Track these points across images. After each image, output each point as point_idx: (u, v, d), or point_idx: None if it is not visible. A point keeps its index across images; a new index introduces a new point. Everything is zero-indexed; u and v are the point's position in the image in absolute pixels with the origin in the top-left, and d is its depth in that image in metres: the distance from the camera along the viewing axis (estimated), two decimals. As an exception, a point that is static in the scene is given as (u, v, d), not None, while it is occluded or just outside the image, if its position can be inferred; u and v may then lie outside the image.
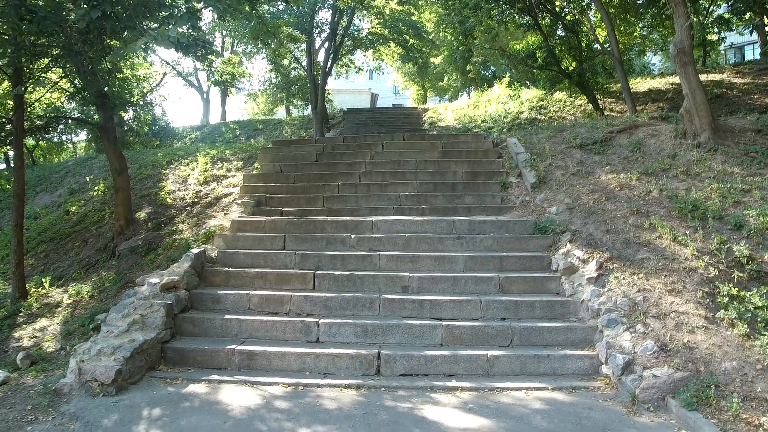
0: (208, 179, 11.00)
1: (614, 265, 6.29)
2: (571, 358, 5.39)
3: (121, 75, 9.53)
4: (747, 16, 17.50)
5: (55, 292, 7.96)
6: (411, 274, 6.45)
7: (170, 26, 4.79)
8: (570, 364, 5.37)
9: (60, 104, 10.91)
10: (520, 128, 14.60)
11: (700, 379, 4.59)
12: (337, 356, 5.34)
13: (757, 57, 26.91)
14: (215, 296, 6.25)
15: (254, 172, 10.50)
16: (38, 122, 9.14)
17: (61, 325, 6.56)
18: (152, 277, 6.18)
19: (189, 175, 11.41)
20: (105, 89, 9.45)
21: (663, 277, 6.00)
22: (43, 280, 8.09)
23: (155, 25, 5.89)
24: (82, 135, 22.54)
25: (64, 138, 22.45)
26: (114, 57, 5.54)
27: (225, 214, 8.75)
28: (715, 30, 21.60)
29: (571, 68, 15.56)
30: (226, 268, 6.75)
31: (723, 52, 25.16)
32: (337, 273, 6.50)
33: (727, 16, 20.32)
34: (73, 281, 8.44)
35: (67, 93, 9.19)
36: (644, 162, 8.68)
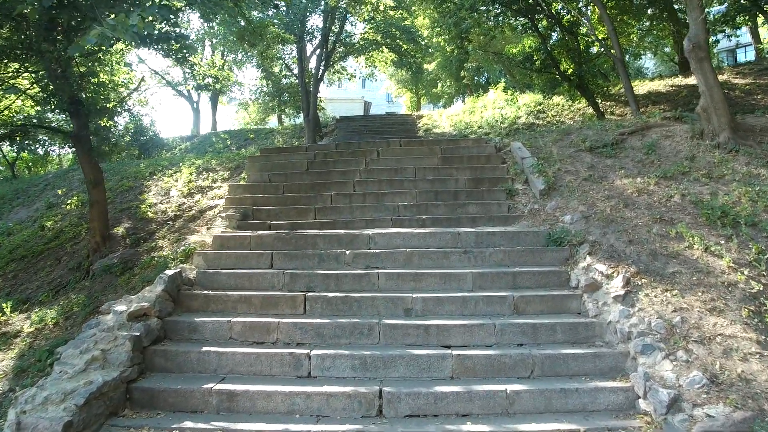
0: (192, 191, 10.17)
1: (643, 280, 5.52)
2: (603, 392, 4.59)
3: (96, 79, 8.72)
4: (740, 19, 17.06)
5: (17, 318, 7.07)
6: (414, 295, 5.65)
7: (132, 14, 3.99)
8: (602, 398, 4.57)
9: (35, 112, 10.05)
10: (518, 133, 13.91)
11: (766, 421, 3.82)
12: (332, 395, 4.51)
13: (750, 59, 26.64)
14: (192, 324, 5.41)
15: (241, 182, 9.69)
16: (1, 130, 8.29)
17: (16, 360, 5.68)
18: (119, 303, 5.33)
19: (172, 187, 10.58)
20: (79, 95, 8.64)
21: (700, 293, 5.24)
22: (4, 305, 7.21)
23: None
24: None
25: (50, 150, 21.58)
26: (72, 52, 4.73)
27: (208, 228, 7.92)
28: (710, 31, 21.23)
29: (570, 71, 14.92)
30: (206, 291, 5.91)
31: (716, 54, 24.74)
32: (330, 295, 5.68)
33: (718, 17, 19.96)
34: (39, 305, 7.55)
35: (38, 100, 8.35)
36: (661, 165, 7.96)
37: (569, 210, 7.30)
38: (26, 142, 12.18)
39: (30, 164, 21.33)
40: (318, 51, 18.23)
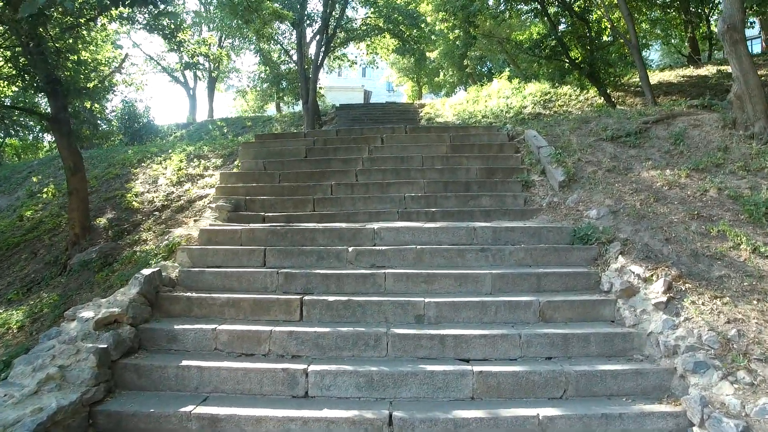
0: (181, 179, 9.33)
1: (686, 285, 4.75)
2: (650, 417, 3.84)
3: (75, 57, 7.82)
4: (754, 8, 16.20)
5: (-20, 319, 6.27)
6: (426, 299, 4.86)
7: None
8: (649, 424, 3.82)
9: (11, 93, 9.14)
10: (524, 123, 13.11)
11: None
12: (333, 422, 3.73)
13: (756, 51, 25.75)
14: (172, 333, 4.61)
15: (234, 170, 8.84)
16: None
17: (-32, 372, 4.88)
18: (86, 308, 4.52)
19: (161, 175, 9.72)
20: (56, 74, 7.74)
21: (755, 301, 4.48)
22: (-32, 304, 6.40)
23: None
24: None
25: (39, 135, 20.58)
26: (24, 12, 3.88)
27: (195, 220, 7.11)
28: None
29: (580, 58, 14.06)
30: (189, 293, 5.10)
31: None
32: (330, 299, 4.89)
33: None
34: (8, 304, 6.74)
35: (9, 77, 7.45)
36: (691, 156, 7.17)
37: (594, 204, 6.52)
38: (5, 124, 11.22)
39: (19, 151, 20.34)
40: (318, 37, 17.27)
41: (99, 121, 10.57)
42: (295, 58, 18.49)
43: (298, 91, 18.63)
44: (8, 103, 8.07)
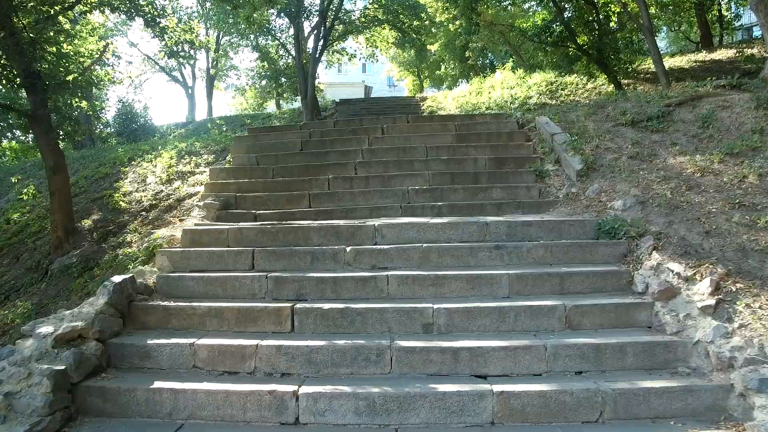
0: (172, 177, 8.68)
1: (737, 285, 4.06)
2: (707, 446, 3.17)
3: (54, 48, 7.18)
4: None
5: (-52, 333, 5.66)
6: (435, 306, 4.19)
7: None
8: (705, 455, 3.14)
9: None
10: (530, 113, 12.39)
11: None
12: (328, 457, 3.08)
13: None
14: (145, 348, 3.97)
15: (227, 165, 8.19)
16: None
17: None
18: (46, 323, 3.88)
19: (150, 173, 9.09)
20: (35, 67, 7.10)
21: (823, 304, 3.79)
22: (-64, 316, 5.80)
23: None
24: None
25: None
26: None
27: (181, 220, 6.46)
28: (732, 7, 19.47)
29: (588, 45, 13.28)
30: (167, 302, 4.45)
31: (734, 31, 22.91)
32: (326, 306, 4.22)
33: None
34: (-20, 314, 6.13)
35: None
36: (722, 140, 6.44)
37: (618, 194, 5.81)
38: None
39: (19, 153, 19.77)
40: (316, 31, 16.57)
41: (86, 118, 9.86)
42: (293, 53, 17.79)
43: (297, 86, 17.94)
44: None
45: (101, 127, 18.55)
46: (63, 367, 3.51)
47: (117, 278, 4.29)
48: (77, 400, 3.60)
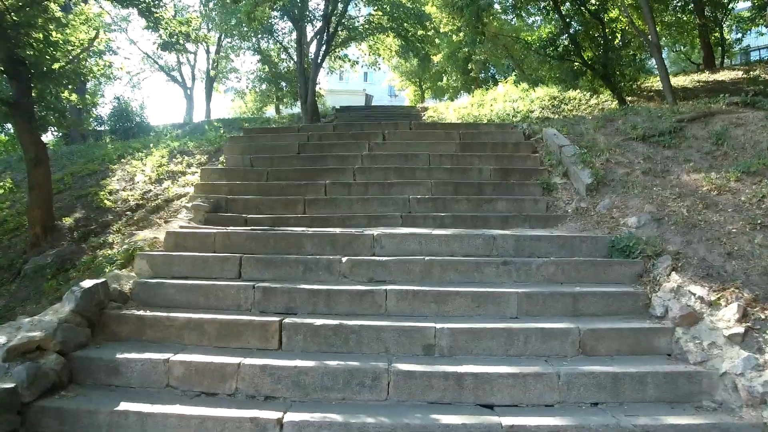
0: (161, 176, 8.27)
1: (767, 312, 3.71)
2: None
3: (40, 35, 6.81)
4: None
5: None
6: (437, 325, 3.80)
7: None
8: None
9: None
10: (536, 125, 12.13)
11: None
12: (313, 499, 2.66)
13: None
14: (113, 363, 3.54)
15: (219, 166, 7.81)
16: None
17: None
18: (0, 332, 3.45)
19: (140, 171, 8.68)
20: (19, 54, 6.72)
21: None
22: None
23: None
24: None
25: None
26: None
27: (166, 221, 6.06)
28: (734, 29, 19.49)
29: (593, 59, 13.11)
30: (142, 312, 4.03)
31: (734, 53, 22.96)
32: (317, 322, 3.82)
33: (747, 14, 18.19)
34: (-57, 317, 5.66)
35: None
36: (737, 158, 6.14)
37: (631, 210, 5.48)
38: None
39: (8, 147, 19.25)
40: (318, 36, 16.34)
41: (77, 112, 9.42)
42: (294, 56, 17.54)
43: (297, 91, 17.67)
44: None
45: (94, 123, 18.15)
46: (12, 385, 3.07)
47: (87, 283, 3.87)
48: (28, 422, 3.16)
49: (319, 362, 3.49)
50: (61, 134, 16.83)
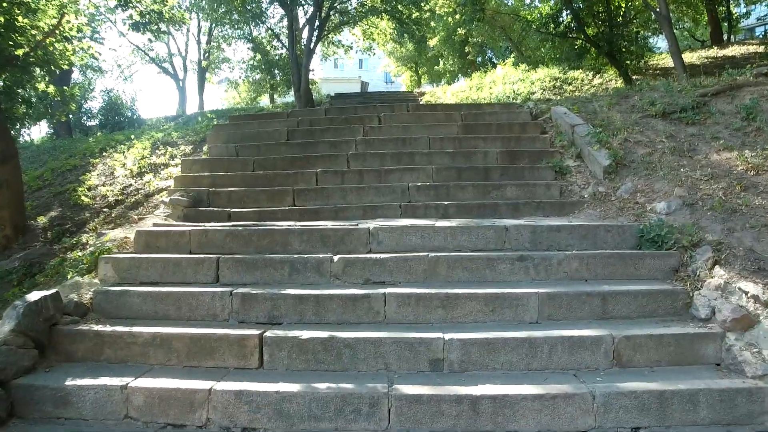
0: (143, 170, 7.61)
1: (838, 314, 3.08)
2: None
3: (2, 19, 6.08)
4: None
5: None
6: (446, 335, 3.17)
7: None
8: None
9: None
10: (543, 104, 11.41)
11: None
12: None
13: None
14: (63, 391, 2.92)
15: (203, 156, 7.14)
16: None
17: None
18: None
19: (121, 165, 8.01)
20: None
21: None
22: None
23: None
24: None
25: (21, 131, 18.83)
26: None
27: (140, 218, 5.42)
28: (741, 2, 18.63)
29: (597, 36, 12.32)
30: (100, 327, 3.39)
31: (741, 29, 22.07)
32: (305, 335, 3.19)
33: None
34: None
35: None
36: (771, 133, 5.47)
37: (659, 194, 4.83)
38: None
39: None
40: (310, 21, 15.50)
41: (58, 104, 8.71)
42: (286, 43, 16.70)
43: (290, 79, 16.89)
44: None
45: (84, 117, 17.42)
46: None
47: (33, 296, 3.23)
48: (-45, 469, 2.56)
49: (306, 385, 2.87)
50: (52, 130, 16.14)
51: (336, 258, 3.89)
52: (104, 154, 8.94)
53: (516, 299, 3.50)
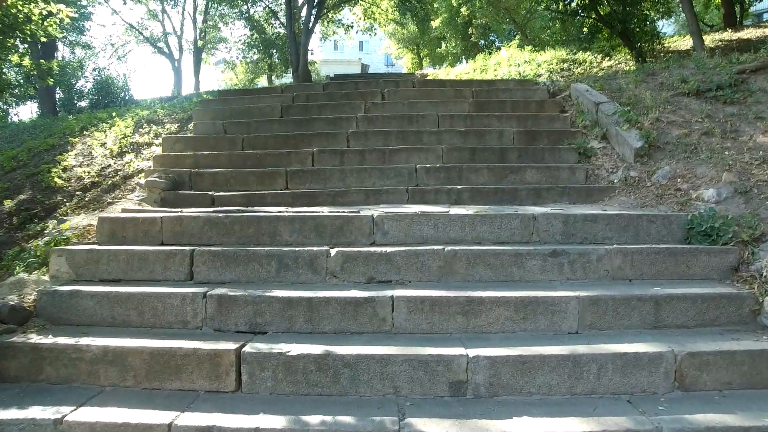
0: (124, 149, 6.84)
1: None
2: None
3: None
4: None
5: None
6: (470, 351, 2.49)
7: None
8: None
9: None
10: (562, 81, 10.66)
11: None
12: None
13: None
14: (-17, 421, 2.24)
15: (189, 134, 6.37)
16: None
17: None
18: None
19: (102, 144, 7.23)
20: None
21: None
22: None
23: None
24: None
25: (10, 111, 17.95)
26: None
27: (110, 203, 4.69)
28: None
29: (611, 15, 11.45)
30: (41, 339, 2.68)
31: (751, 14, 21.08)
32: (294, 350, 2.50)
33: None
34: None
35: None
36: (823, 112, 4.76)
37: (703, 180, 4.13)
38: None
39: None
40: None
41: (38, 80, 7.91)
42: (284, 21, 15.74)
43: (288, 58, 15.99)
44: None
45: (75, 97, 16.49)
46: None
47: (-49, 299, 2.52)
48: None
49: (294, 419, 2.20)
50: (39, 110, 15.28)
51: (333, 252, 3.18)
52: (85, 133, 8.14)
53: (552, 304, 2.81)
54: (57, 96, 15.80)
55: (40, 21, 5.80)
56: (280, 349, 2.51)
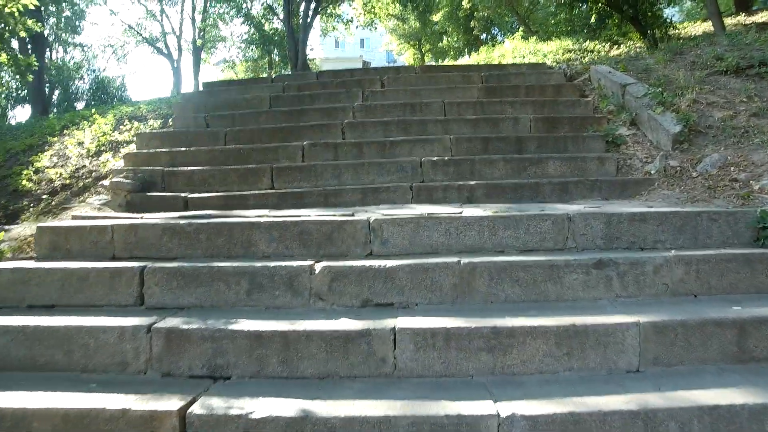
0: (102, 148, 6.15)
1: None
2: None
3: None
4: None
5: None
6: (502, 409, 1.76)
7: None
8: None
9: None
10: (579, 63, 9.90)
11: None
12: None
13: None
14: None
15: (168, 129, 5.66)
16: None
17: None
18: None
19: (80, 143, 6.55)
20: None
21: None
22: None
23: None
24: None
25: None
26: None
27: (65, 209, 3.99)
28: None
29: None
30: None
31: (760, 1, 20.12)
32: (259, 409, 1.77)
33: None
34: None
35: None
36: None
37: (765, 168, 3.37)
38: None
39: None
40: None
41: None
42: (281, 16, 15.02)
43: (287, 53, 15.28)
44: None
45: (72, 98, 15.86)
46: None
47: None
48: None
49: None
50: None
51: (318, 267, 2.45)
52: (65, 132, 7.46)
53: (605, 334, 2.08)
54: (54, 97, 15.20)
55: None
56: (242, 407, 1.79)
